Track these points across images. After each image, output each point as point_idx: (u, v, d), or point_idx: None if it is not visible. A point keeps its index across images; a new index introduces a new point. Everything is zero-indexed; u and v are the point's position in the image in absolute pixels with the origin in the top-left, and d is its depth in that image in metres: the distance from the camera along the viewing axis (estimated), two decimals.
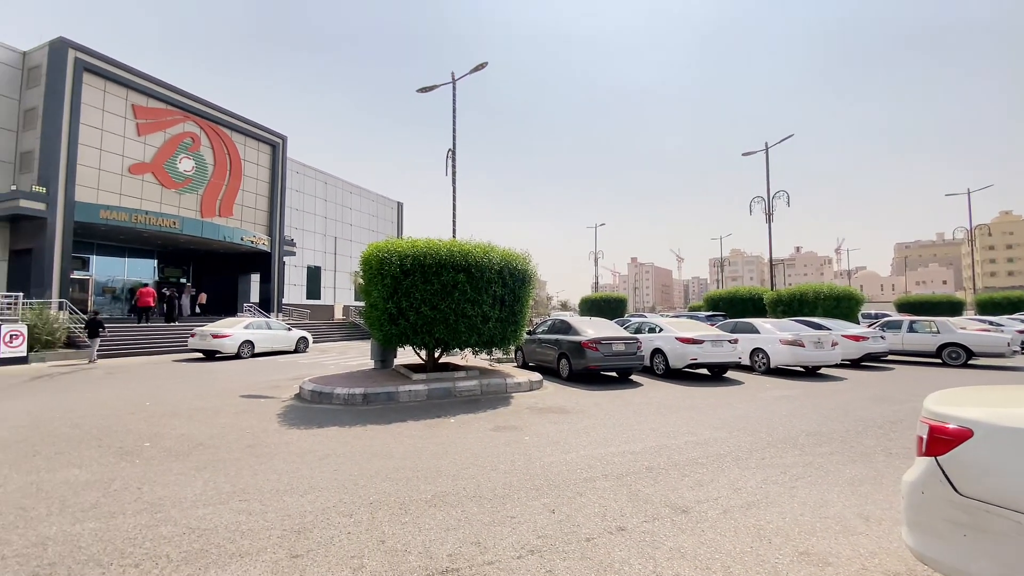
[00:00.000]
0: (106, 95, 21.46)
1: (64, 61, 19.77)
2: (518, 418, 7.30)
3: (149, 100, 23.14)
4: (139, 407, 8.08)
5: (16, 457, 5.25)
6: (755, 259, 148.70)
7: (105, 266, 24.73)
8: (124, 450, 5.52)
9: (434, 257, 8.87)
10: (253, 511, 3.81)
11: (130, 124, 22.39)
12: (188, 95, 24.70)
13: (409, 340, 9.26)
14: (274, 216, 29.36)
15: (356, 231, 40.48)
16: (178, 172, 24.32)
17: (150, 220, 21.58)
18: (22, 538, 3.34)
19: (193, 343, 16.53)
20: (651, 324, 13.16)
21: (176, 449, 5.58)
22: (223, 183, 26.51)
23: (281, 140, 30.11)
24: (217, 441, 5.94)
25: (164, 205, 23.50)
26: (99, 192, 20.95)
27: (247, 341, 16.95)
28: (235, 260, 28.93)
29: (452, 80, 15.05)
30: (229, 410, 7.87)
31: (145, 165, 22.92)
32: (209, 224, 24.31)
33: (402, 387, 8.67)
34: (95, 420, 7.08)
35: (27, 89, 20.30)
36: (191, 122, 24.98)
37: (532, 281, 9.93)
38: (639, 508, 3.88)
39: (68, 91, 19.75)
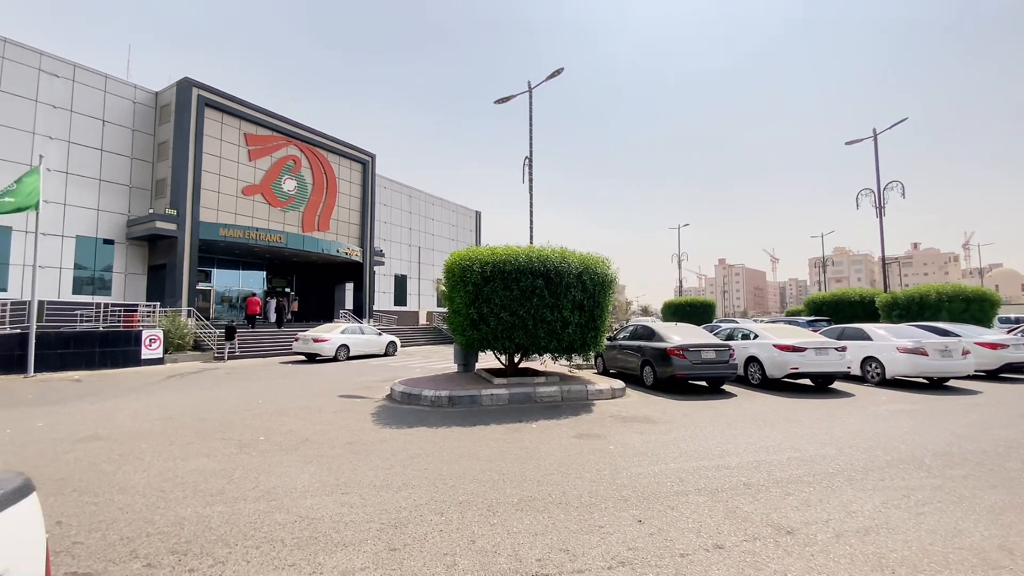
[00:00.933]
0: (223, 126, 24.28)
1: (189, 98, 22.65)
2: (601, 426, 7.16)
3: (258, 128, 25.84)
4: (253, 405, 8.97)
5: (156, 446, 6.03)
6: (863, 257, 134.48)
7: (223, 278, 27.87)
8: (243, 443, 6.14)
9: (513, 263, 8.99)
10: (354, 504, 4.07)
11: (242, 151, 25.13)
12: (290, 121, 27.26)
13: (490, 345, 9.44)
14: (365, 229, 31.43)
15: (438, 240, 42.18)
16: (283, 192, 26.87)
17: (260, 236, 24.02)
18: (163, 518, 3.82)
19: (297, 347, 18.09)
20: (744, 330, 12.33)
21: (285, 444, 6.11)
22: (321, 200, 28.87)
23: (370, 158, 32.20)
24: (320, 437, 6.43)
25: (271, 222, 26.05)
26: (218, 212, 23.69)
27: (343, 345, 18.24)
28: (332, 270, 31.31)
29: (528, 89, 15.23)
30: (329, 409, 8.49)
31: (255, 187, 25.58)
32: (309, 238, 26.57)
33: (484, 391, 8.84)
34: (218, 415, 7.97)
35: (160, 125, 23.51)
36: (293, 146, 27.52)
37: (612, 286, 9.72)
38: (737, 526, 3.63)
39: (193, 125, 22.59)
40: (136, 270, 22.79)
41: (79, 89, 21.27)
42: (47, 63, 20.44)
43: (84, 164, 21.17)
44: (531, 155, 14.91)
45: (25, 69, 19.77)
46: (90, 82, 21.65)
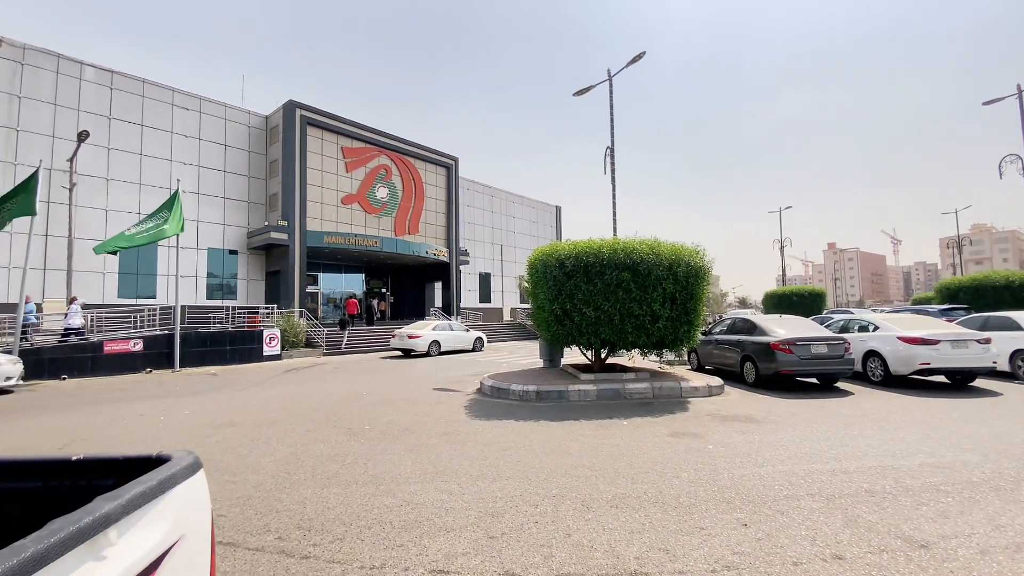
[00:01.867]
0: (323, 142, 26.46)
1: (294, 119, 24.96)
2: (698, 425, 6.83)
3: (353, 142, 27.84)
4: (358, 396, 9.71)
5: (280, 433, 6.74)
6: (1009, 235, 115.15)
7: (328, 281, 30.42)
8: (352, 431, 6.68)
9: (596, 257, 8.85)
10: (452, 491, 4.27)
11: (340, 163, 27.23)
12: (380, 132, 29.04)
13: (575, 340, 9.39)
14: (451, 230, 32.66)
15: (519, 237, 42.67)
16: (377, 199, 28.73)
17: (358, 241, 25.90)
18: (289, 496, 4.26)
19: (394, 343, 19.29)
20: (862, 321, 11.11)
21: (389, 432, 6.55)
22: (410, 205, 30.46)
23: (454, 161, 33.36)
24: (419, 427, 6.81)
25: (367, 228, 27.97)
26: (322, 221, 25.88)
27: (435, 341, 19.14)
28: (422, 271, 32.94)
29: (608, 77, 14.88)
30: (425, 401, 8.96)
31: (352, 196, 27.61)
32: (401, 241, 28.17)
33: (571, 386, 8.82)
34: (329, 406, 8.72)
35: (270, 145, 26.16)
36: (384, 156, 29.30)
37: (707, 277, 9.21)
38: (860, 536, 3.29)
39: (297, 143, 24.87)
40: (256, 276, 25.62)
41: (204, 119, 24.30)
42: (179, 98, 23.59)
43: (211, 184, 24.18)
44: (612, 145, 14.56)
45: (162, 105, 22.98)
46: (213, 112, 24.64)
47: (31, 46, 19.71)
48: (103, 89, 21.32)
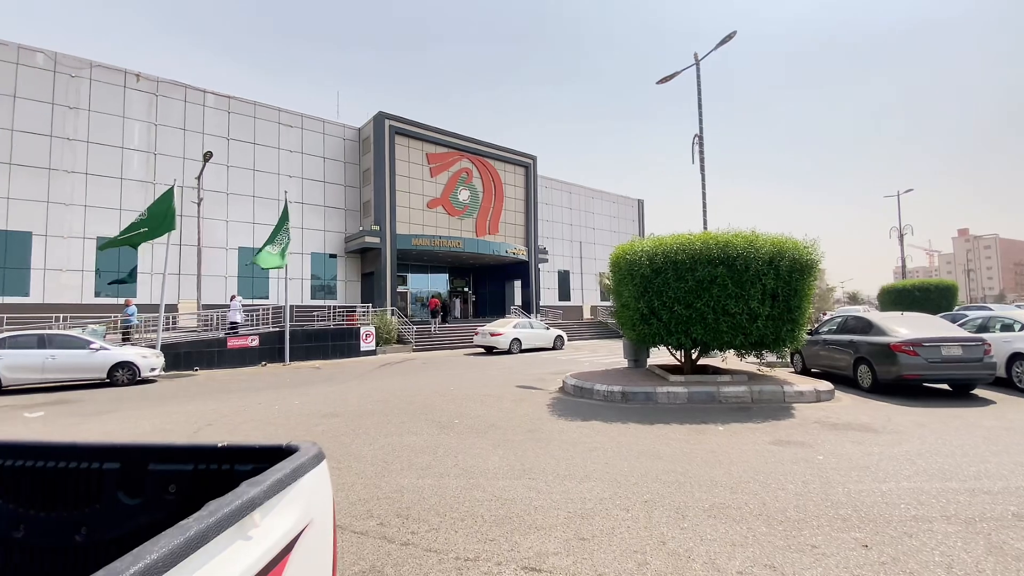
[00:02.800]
0: (410, 150, 27.83)
1: (383, 130, 26.48)
2: (805, 433, 6.28)
3: (437, 147, 28.98)
4: (446, 391, 10.09)
5: (378, 424, 7.18)
6: None
7: (416, 281, 31.95)
8: (442, 424, 6.95)
9: (686, 252, 8.42)
10: (540, 489, 4.29)
11: (425, 169, 28.47)
12: (462, 137, 29.96)
13: (663, 340, 9.02)
14: (529, 228, 32.89)
15: (599, 234, 41.92)
16: (459, 202, 29.70)
17: (442, 243, 26.96)
18: (387, 484, 4.53)
19: (477, 340, 19.84)
20: (1005, 319, 9.58)
21: (476, 427, 6.73)
22: (490, 205, 31.12)
23: (532, 160, 33.55)
24: (504, 423, 6.93)
25: (451, 230, 29.01)
26: (410, 225, 27.24)
27: (516, 339, 19.39)
28: (502, 270, 33.53)
29: (695, 61, 14.12)
30: (509, 398, 9.10)
31: (437, 200, 28.77)
32: (482, 241, 28.90)
33: (660, 388, 8.50)
34: (420, 399, 9.15)
35: (363, 155, 27.97)
36: (466, 159, 30.20)
37: (813, 272, 8.42)
38: (1007, 566, 2.83)
39: (387, 152, 26.37)
40: (353, 277, 27.59)
41: (306, 134, 26.57)
42: (284, 117, 25.99)
43: (313, 194, 26.39)
44: (701, 133, 13.80)
45: (270, 124, 25.46)
46: (312, 127, 26.86)
47: (163, 79, 22.76)
48: (222, 113, 24.07)
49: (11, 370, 11.07)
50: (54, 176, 19.94)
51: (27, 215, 19.35)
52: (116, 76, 21.60)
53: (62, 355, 11.65)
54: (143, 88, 22.15)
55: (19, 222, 19.18)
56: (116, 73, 21.61)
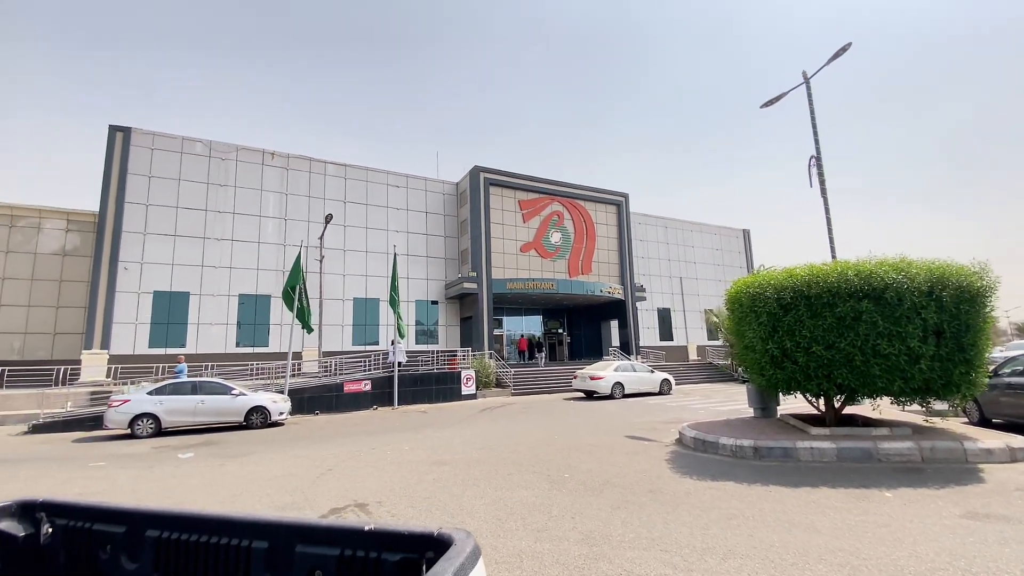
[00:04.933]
0: (503, 198, 28.87)
1: (478, 182, 27.83)
2: (1008, 503, 4.99)
3: (528, 194, 29.77)
4: (551, 440, 9.68)
5: (486, 474, 6.96)
6: None
7: (511, 323, 32.29)
8: (551, 479, 6.56)
9: (821, 285, 7.42)
10: (678, 566, 3.73)
11: (518, 215, 29.26)
12: (552, 181, 30.54)
13: (799, 386, 7.92)
14: (624, 266, 32.05)
15: (701, 268, 39.63)
16: (551, 244, 29.94)
17: (536, 285, 27.13)
18: (505, 547, 4.23)
19: (576, 384, 19.23)
20: None
21: (589, 483, 6.25)
22: (582, 246, 30.96)
23: (623, 198, 33.10)
24: (620, 480, 6.37)
25: (543, 272, 29.18)
26: (504, 270, 27.86)
27: (618, 383, 18.48)
28: (597, 310, 32.80)
29: (804, 80, 13.11)
30: (621, 450, 8.46)
31: (529, 244, 29.27)
32: (576, 282, 28.63)
33: (800, 443, 7.37)
34: (526, 448, 8.84)
35: (460, 207, 29.50)
36: (556, 202, 30.61)
37: (986, 301, 6.98)
38: None
39: (482, 203, 27.57)
40: (453, 322, 28.58)
41: (410, 192, 28.72)
42: (391, 179, 28.39)
43: (416, 246, 28.17)
44: (818, 154, 12.58)
45: (379, 186, 27.92)
46: (416, 186, 29.01)
47: (292, 154, 26.11)
48: (339, 180, 26.92)
49: (170, 414, 12.65)
50: (207, 244, 23.39)
51: (186, 278, 22.74)
52: (255, 156, 25.22)
53: (210, 400, 13.12)
54: (276, 164, 25.58)
55: (180, 284, 22.58)
56: (255, 153, 25.25)
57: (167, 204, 22.83)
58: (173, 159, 23.34)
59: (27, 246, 23.22)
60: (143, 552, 1.50)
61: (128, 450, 10.37)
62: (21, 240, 23.17)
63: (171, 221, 22.81)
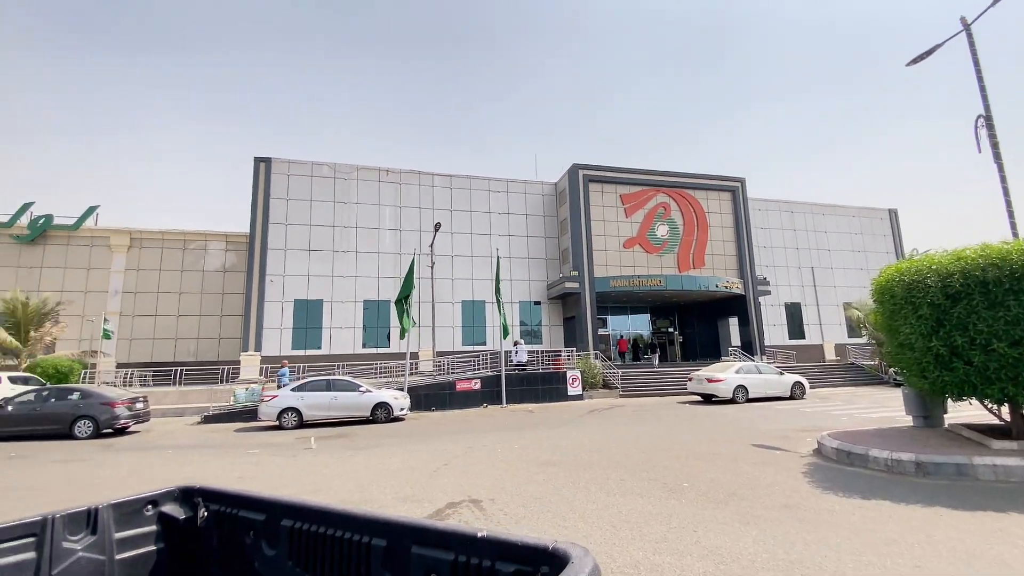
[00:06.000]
0: (603, 194, 28.22)
1: (577, 180, 27.50)
2: None
3: (630, 187, 28.77)
4: (665, 445, 9.16)
5: (597, 478, 6.77)
6: None
7: (616, 323, 31.40)
8: (668, 487, 6.17)
9: (1002, 268, 6.09)
10: None
11: (620, 210, 28.39)
12: (655, 172, 29.19)
13: (975, 391, 6.57)
14: (743, 258, 29.53)
15: (836, 256, 35.08)
16: (657, 238, 28.61)
17: (642, 282, 26.08)
18: (621, 557, 4.03)
19: (691, 386, 18.06)
20: None
21: (712, 495, 5.76)
22: (693, 238, 29.13)
23: (739, 183, 30.54)
24: (747, 492, 5.79)
25: (650, 268, 27.94)
26: (607, 267, 27.20)
27: (741, 386, 17.01)
28: (712, 306, 30.60)
29: (964, 27, 10.96)
30: (746, 459, 7.73)
31: (633, 239, 28.24)
32: (687, 277, 27.01)
33: (977, 458, 6.12)
34: (638, 453, 8.46)
35: (559, 207, 29.40)
36: (662, 194, 29.18)
37: None
38: None
39: (582, 200, 27.20)
40: (556, 322, 28.58)
41: (511, 196, 29.31)
42: (493, 184, 29.21)
43: (518, 248, 28.64)
44: (988, 112, 10.40)
45: (482, 192, 28.86)
46: (516, 189, 29.52)
47: (404, 170, 28.03)
48: (445, 190, 28.35)
49: (309, 408, 14.22)
50: (336, 256, 26.02)
51: (320, 287, 25.51)
52: (373, 174, 27.53)
53: (342, 396, 14.52)
54: (391, 180, 27.68)
55: (315, 293, 25.39)
56: (372, 171, 27.56)
57: (302, 223, 25.83)
58: (305, 182, 26.35)
59: (196, 265, 27.88)
60: (280, 540, 1.61)
61: (276, 440, 11.84)
62: (192, 260, 27.87)
63: (306, 237, 25.76)
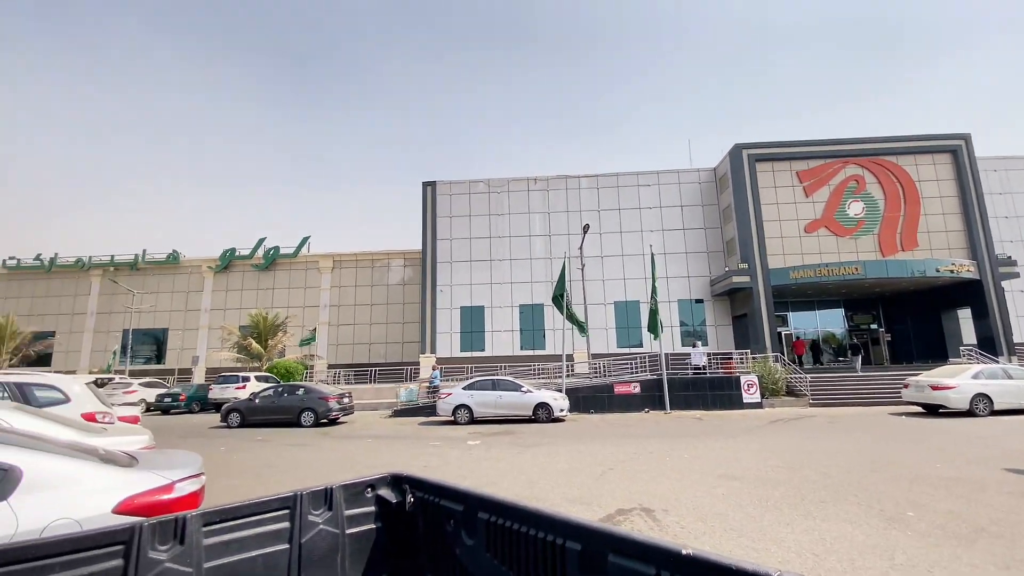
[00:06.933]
0: (774, 173, 24.99)
1: (741, 161, 24.82)
2: None
3: (808, 162, 24.99)
4: (876, 465, 7.62)
5: (787, 496, 5.90)
6: None
7: (799, 320, 27.43)
8: (886, 515, 5.09)
9: None
10: None
11: (797, 190, 24.82)
12: (841, 141, 24.88)
13: None
14: (974, 234, 23.40)
15: None
16: (848, 218, 24.32)
17: (830, 271, 22.34)
18: None
19: (907, 395, 14.82)
20: None
21: (950, 528, 4.59)
22: (898, 215, 24.08)
23: (962, 141, 24.38)
24: (1004, 529, 4.48)
25: (841, 254, 23.84)
26: (784, 257, 23.96)
27: (981, 395, 13.39)
28: (930, 296, 24.83)
29: None
30: (999, 487, 6.01)
31: (816, 222, 24.42)
32: (893, 262, 22.41)
33: None
34: (839, 473, 7.18)
35: (720, 193, 26.87)
36: (851, 165, 24.76)
37: None
38: None
39: (748, 183, 24.46)
40: (723, 322, 26.16)
41: (662, 188, 27.81)
42: (641, 179, 28.08)
43: (673, 243, 26.99)
44: None
45: (630, 189, 27.94)
46: (668, 180, 27.91)
47: (551, 176, 28.59)
48: (592, 191, 28.14)
49: (479, 406, 15.28)
50: (493, 265, 27.70)
51: (481, 294, 27.41)
52: (521, 184, 28.69)
53: (506, 395, 15.31)
54: (538, 187, 28.53)
55: (477, 299, 27.37)
56: (521, 182, 28.72)
57: (463, 236, 28.13)
58: (463, 200, 28.64)
59: (382, 280, 32.30)
60: (477, 531, 1.68)
61: (453, 433, 12.94)
62: (378, 276, 32.38)
63: (467, 250, 27.96)
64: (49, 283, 34.27)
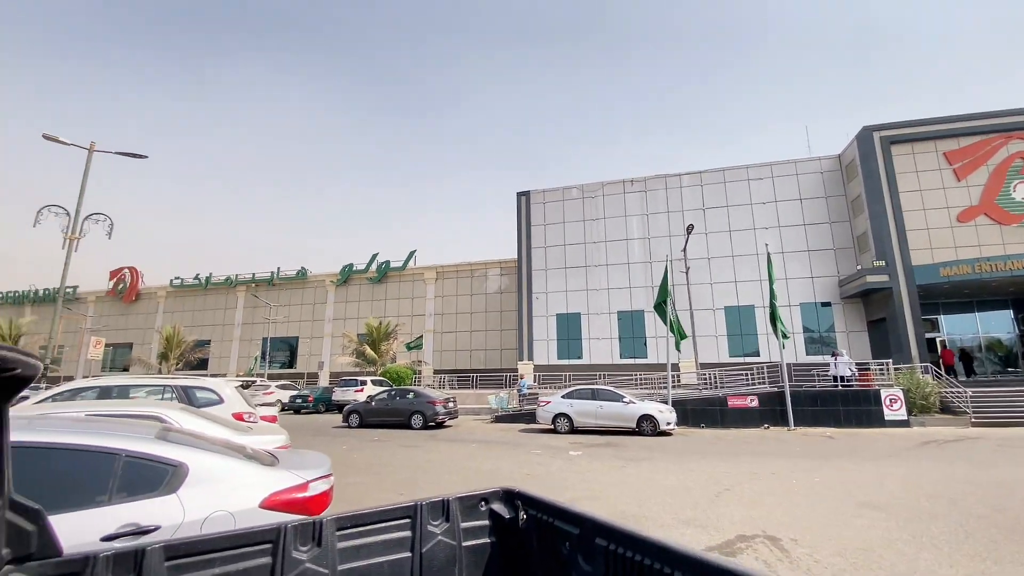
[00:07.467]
0: (914, 156, 21.75)
1: (872, 146, 21.95)
2: None
3: (958, 141, 21.39)
4: None
5: (951, 534, 5.01)
6: None
7: (954, 324, 23.35)
8: None
9: None
10: None
11: (945, 173, 21.34)
12: (1002, 113, 21.00)
13: None
14: None
15: None
16: (1015, 203, 20.38)
17: (993, 266, 18.83)
18: None
19: None
20: None
21: None
22: None
23: None
24: None
25: (1006, 244, 20.01)
26: (932, 251, 20.67)
27: None
28: None
29: None
30: None
31: (973, 209, 20.78)
32: None
33: None
34: (1017, 507, 5.96)
35: (848, 183, 23.92)
36: (1016, 140, 20.74)
37: None
38: None
39: (882, 169, 21.55)
40: (856, 327, 23.20)
41: (777, 181, 25.48)
42: (752, 172, 26.00)
43: (792, 241, 24.55)
44: None
45: (740, 184, 25.96)
46: (783, 172, 25.50)
47: (648, 176, 27.56)
48: (695, 189, 26.62)
49: (579, 415, 15.07)
50: (588, 271, 27.33)
51: (577, 301, 27.17)
52: (617, 187, 28.02)
53: (607, 406, 14.93)
54: (635, 189, 27.67)
55: (573, 306, 27.18)
56: (616, 184, 28.06)
57: (557, 244, 28.16)
58: (557, 207, 28.69)
59: (480, 289, 33.46)
60: (595, 558, 1.61)
61: (553, 443, 12.89)
62: (477, 285, 33.60)
63: (561, 257, 27.94)
64: (205, 298, 40.49)
